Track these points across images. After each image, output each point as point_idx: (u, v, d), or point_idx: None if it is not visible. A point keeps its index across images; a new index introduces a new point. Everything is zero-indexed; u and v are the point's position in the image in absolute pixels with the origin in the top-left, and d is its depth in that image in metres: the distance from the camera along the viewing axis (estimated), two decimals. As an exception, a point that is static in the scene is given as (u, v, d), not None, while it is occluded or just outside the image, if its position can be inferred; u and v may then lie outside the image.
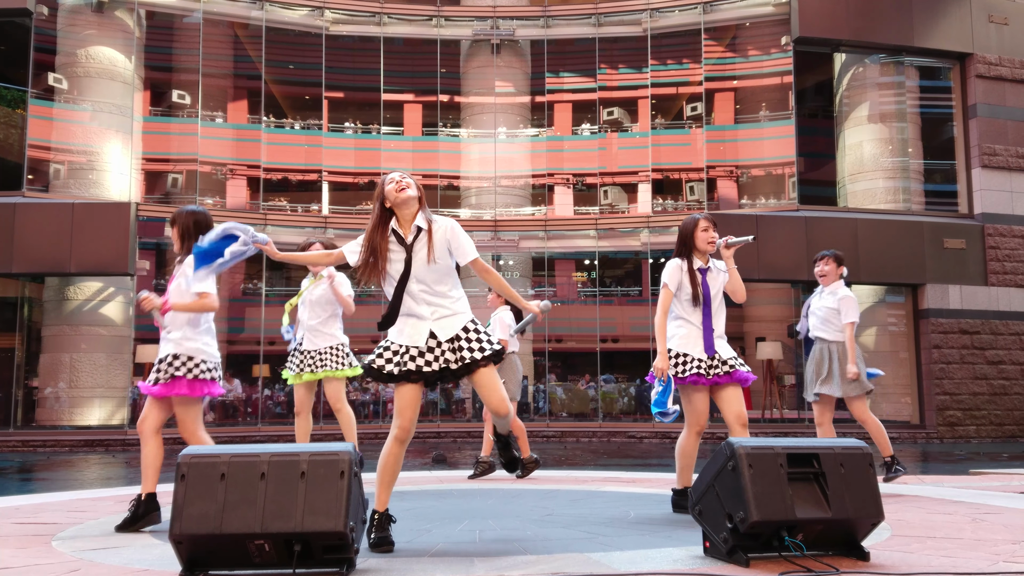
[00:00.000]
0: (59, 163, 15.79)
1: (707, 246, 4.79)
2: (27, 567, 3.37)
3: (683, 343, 4.78)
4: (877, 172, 16.61)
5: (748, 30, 17.86)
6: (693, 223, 4.83)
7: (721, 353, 4.76)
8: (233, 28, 17.97)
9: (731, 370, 4.72)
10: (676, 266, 4.80)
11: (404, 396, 3.78)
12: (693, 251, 4.81)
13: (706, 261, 4.83)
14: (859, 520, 3.33)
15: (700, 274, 4.77)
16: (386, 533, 3.70)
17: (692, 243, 4.81)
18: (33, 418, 15.38)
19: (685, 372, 4.70)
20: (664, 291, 4.81)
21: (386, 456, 3.77)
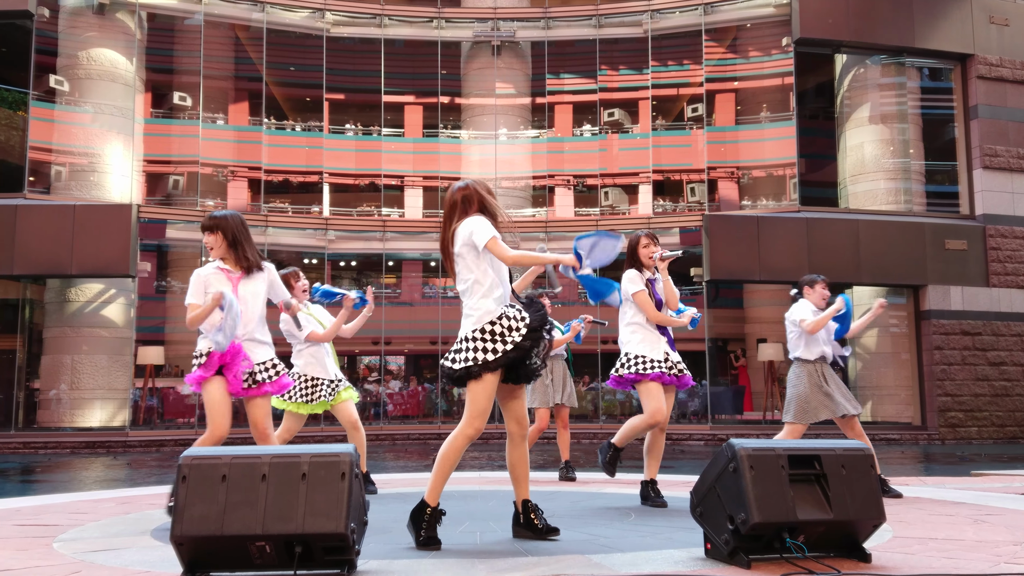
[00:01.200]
0: (60, 165, 15.81)
1: (649, 260, 5.29)
2: (28, 569, 3.37)
3: (642, 347, 5.25)
4: (878, 173, 16.61)
5: (749, 31, 17.87)
6: (636, 240, 5.34)
7: (673, 357, 5.29)
8: (234, 30, 17.99)
9: (679, 374, 5.26)
10: (635, 275, 5.29)
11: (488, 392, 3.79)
12: (641, 266, 5.31)
13: (653, 272, 5.34)
14: (861, 521, 3.33)
15: (650, 284, 5.27)
16: (434, 532, 3.77)
17: (637, 258, 5.32)
18: (34, 420, 15.38)
19: (647, 370, 5.15)
20: (642, 293, 5.25)
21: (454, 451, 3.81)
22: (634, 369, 5.21)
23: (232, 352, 4.42)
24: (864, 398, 16.69)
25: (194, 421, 15.95)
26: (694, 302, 17.15)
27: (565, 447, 7.33)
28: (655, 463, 5.42)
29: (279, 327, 5.84)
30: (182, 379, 16.88)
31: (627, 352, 5.29)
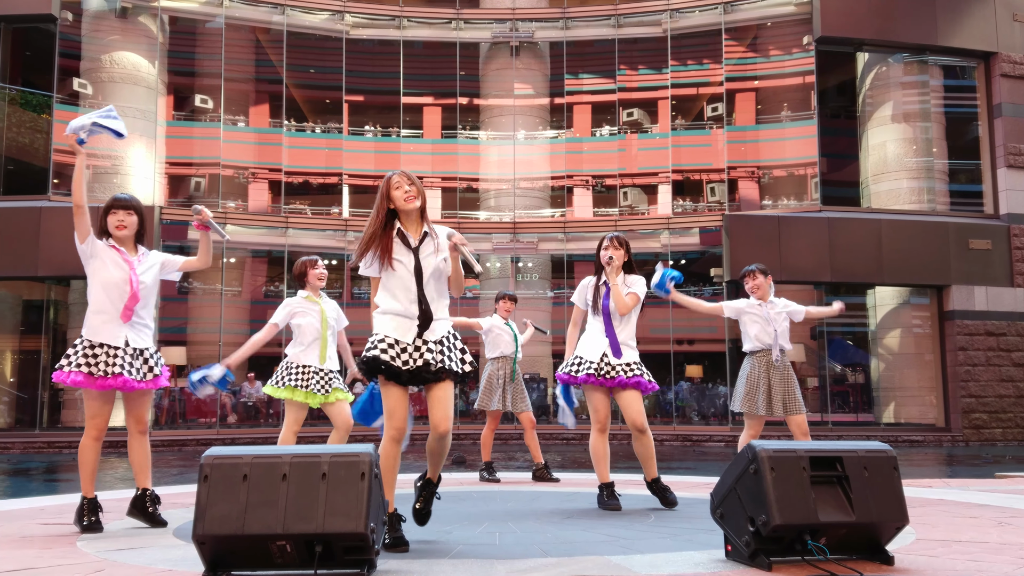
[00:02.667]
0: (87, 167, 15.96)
1: (605, 264, 5.27)
2: (52, 567, 3.41)
3: (582, 348, 5.34)
4: (901, 172, 16.45)
5: (769, 30, 17.76)
6: (599, 245, 5.38)
7: (618, 359, 5.20)
8: (255, 33, 18.12)
9: (616, 375, 5.16)
10: (584, 285, 5.40)
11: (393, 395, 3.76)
12: (602, 271, 5.32)
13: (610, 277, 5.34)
14: (883, 524, 3.30)
15: (604, 287, 5.27)
16: (399, 533, 3.72)
17: (599, 263, 5.33)
18: (58, 419, 15.55)
19: (579, 371, 5.21)
20: (576, 309, 5.47)
21: (385, 457, 3.72)
22: (570, 370, 5.32)
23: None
24: (887, 399, 16.54)
25: (215, 421, 16.08)
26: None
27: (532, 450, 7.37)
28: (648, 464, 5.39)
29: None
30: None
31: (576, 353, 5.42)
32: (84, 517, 4.43)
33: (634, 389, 5.20)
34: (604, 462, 5.38)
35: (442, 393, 3.78)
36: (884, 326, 16.71)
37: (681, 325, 17.00)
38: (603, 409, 5.26)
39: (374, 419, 4.32)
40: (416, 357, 3.73)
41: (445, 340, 3.80)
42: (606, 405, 5.27)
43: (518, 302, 7.82)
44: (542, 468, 7.30)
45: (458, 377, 3.82)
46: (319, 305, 5.90)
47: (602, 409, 5.26)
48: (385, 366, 3.71)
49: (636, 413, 5.18)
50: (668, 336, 16.53)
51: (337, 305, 6.16)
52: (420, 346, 3.74)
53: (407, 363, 3.72)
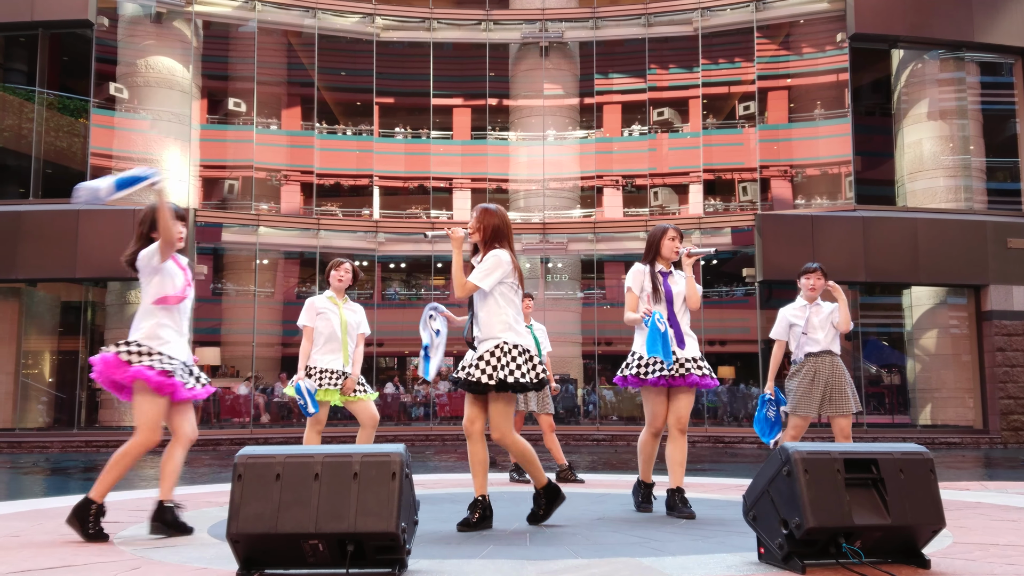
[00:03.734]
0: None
1: (672, 254, 5.07)
2: (89, 565, 3.46)
3: (638, 343, 5.02)
4: (937, 170, 16.20)
5: (802, 27, 17.58)
6: (661, 232, 5.11)
7: (683, 353, 4.96)
8: (287, 36, 18.30)
9: (687, 373, 4.90)
10: (639, 271, 5.09)
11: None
12: (658, 258, 5.09)
13: (668, 267, 5.12)
14: (919, 527, 3.25)
15: (661, 276, 5.05)
16: (468, 516, 4.36)
17: (658, 250, 5.09)
18: (96, 419, 15.81)
19: (647, 373, 4.91)
20: (629, 294, 5.09)
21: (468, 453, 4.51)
22: (634, 371, 4.99)
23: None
24: (923, 401, 16.30)
25: (248, 421, 16.24)
26: (746, 303, 16.96)
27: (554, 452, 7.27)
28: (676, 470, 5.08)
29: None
30: (238, 379, 17.23)
31: (634, 350, 5.06)
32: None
33: (692, 387, 4.99)
34: (651, 463, 5.28)
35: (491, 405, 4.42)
36: (920, 326, 16.46)
37: (713, 326, 16.88)
38: (662, 414, 5.04)
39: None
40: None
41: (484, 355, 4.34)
42: (665, 408, 5.04)
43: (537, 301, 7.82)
44: (566, 470, 7.26)
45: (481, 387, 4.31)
46: (338, 308, 5.99)
47: (661, 414, 5.04)
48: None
49: (685, 412, 5.00)
50: (700, 336, 16.42)
51: (362, 310, 6.24)
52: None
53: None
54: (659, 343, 4.74)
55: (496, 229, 4.42)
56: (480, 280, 4.32)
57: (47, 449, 14.14)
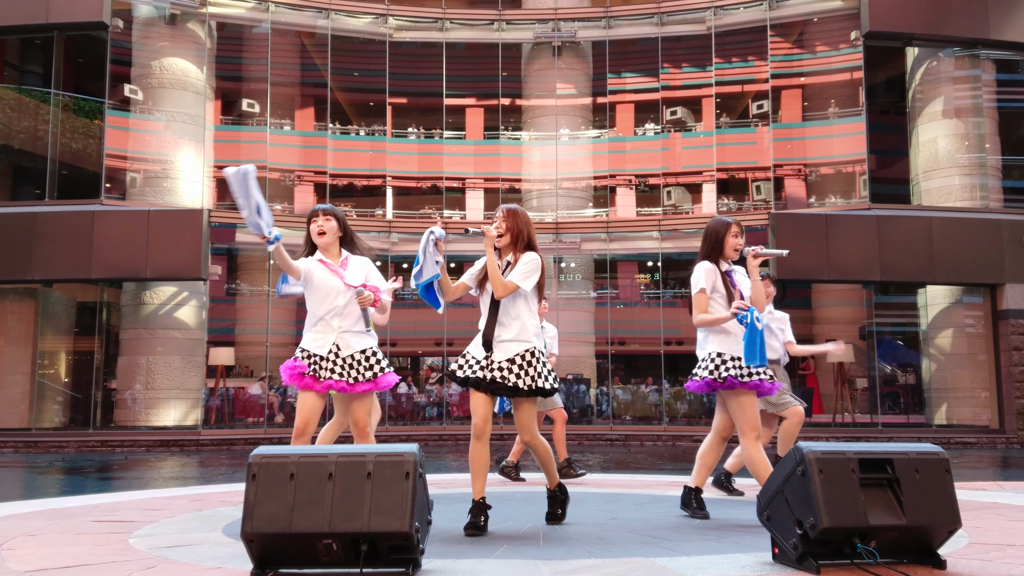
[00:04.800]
0: (135, 172, 16.34)
1: (733, 252, 4.77)
2: (105, 564, 3.49)
3: (730, 344, 4.68)
4: (952, 169, 16.09)
5: (816, 25, 17.49)
6: (725, 228, 4.79)
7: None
8: (300, 37, 18.36)
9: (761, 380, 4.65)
10: (708, 269, 4.74)
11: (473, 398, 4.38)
12: (720, 256, 4.78)
13: (728, 263, 4.84)
14: (935, 527, 3.23)
15: (727, 276, 4.76)
16: (477, 519, 4.24)
17: (721, 248, 4.77)
18: (112, 419, 15.91)
19: (747, 378, 4.58)
20: (701, 295, 4.70)
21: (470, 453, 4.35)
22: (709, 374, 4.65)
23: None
24: (939, 400, 16.19)
25: (263, 420, 16.31)
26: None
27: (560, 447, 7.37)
28: (705, 472, 4.98)
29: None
30: (252, 379, 17.32)
31: (711, 351, 4.71)
32: None
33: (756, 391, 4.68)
34: (710, 470, 5.05)
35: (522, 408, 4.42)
36: (935, 326, 16.35)
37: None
38: (756, 413, 4.70)
39: None
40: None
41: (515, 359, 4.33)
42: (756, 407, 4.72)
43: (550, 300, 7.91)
44: (566, 466, 7.34)
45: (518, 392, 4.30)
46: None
47: (756, 414, 4.69)
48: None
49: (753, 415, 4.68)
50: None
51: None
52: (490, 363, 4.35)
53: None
54: (757, 343, 4.50)
55: (530, 233, 4.44)
56: (521, 281, 4.30)
57: (63, 449, 14.24)
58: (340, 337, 4.68)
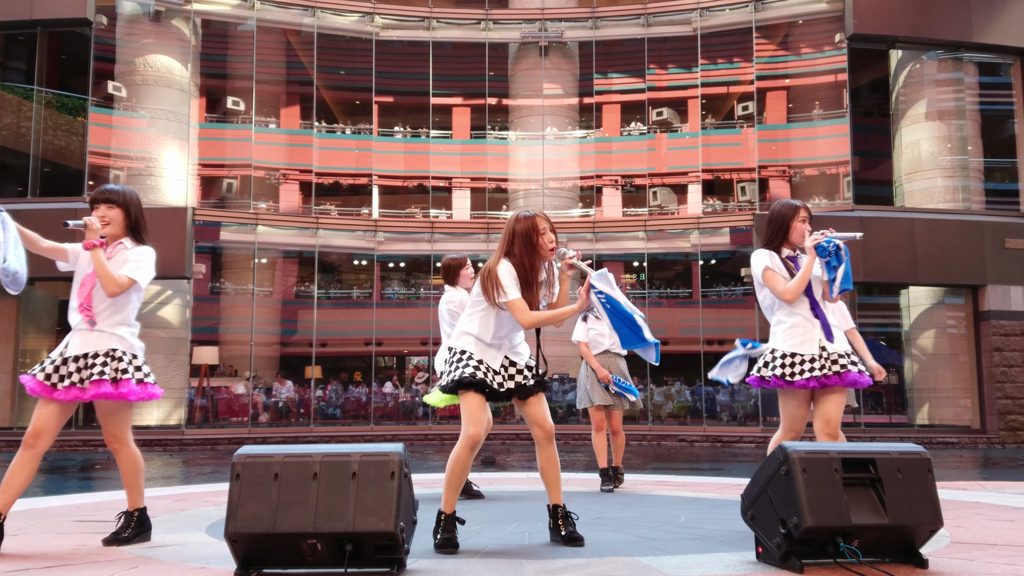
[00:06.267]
0: (119, 169, 16.22)
1: (801, 239, 4.24)
2: (87, 564, 3.47)
3: (790, 339, 4.18)
4: (935, 171, 16.22)
5: (801, 28, 17.59)
6: (792, 211, 4.26)
7: (835, 348, 4.15)
8: (286, 35, 18.28)
9: (842, 371, 4.10)
10: (769, 254, 4.25)
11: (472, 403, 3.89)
12: (784, 243, 4.29)
13: (793, 250, 4.32)
14: (917, 526, 3.26)
15: (792, 261, 4.25)
16: (452, 535, 3.76)
17: (787, 233, 4.27)
18: (94, 418, 15.77)
19: (794, 376, 4.11)
20: (768, 272, 4.21)
21: (455, 461, 3.81)
22: (778, 372, 4.15)
23: None
24: (921, 400, 16.32)
25: (247, 420, 16.24)
26: (744, 302, 16.97)
27: (614, 451, 6.83)
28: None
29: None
30: (236, 379, 17.23)
31: (773, 347, 4.25)
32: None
33: (845, 387, 4.19)
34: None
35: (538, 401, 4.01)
36: (918, 326, 16.48)
37: (711, 326, 16.89)
38: (804, 417, 4.27)
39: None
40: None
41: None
42: (808, 412, 4.28)
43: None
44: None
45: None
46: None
47: (802, 418, 4.26)
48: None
49: (836, 415, 4.18)
50: (698, 336, 16.44)
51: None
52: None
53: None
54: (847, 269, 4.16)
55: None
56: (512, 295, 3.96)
57: (45, 448, 14.12)
58: (75, 335, 3.90)
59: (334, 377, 18.29)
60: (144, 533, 4.00)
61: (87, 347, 3.87)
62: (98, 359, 3.85)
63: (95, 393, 3.78)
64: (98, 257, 3.89)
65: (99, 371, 3.79)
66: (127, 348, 3.97)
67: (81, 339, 3.90)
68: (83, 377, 3.80)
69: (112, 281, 3.86)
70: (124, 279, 3.91)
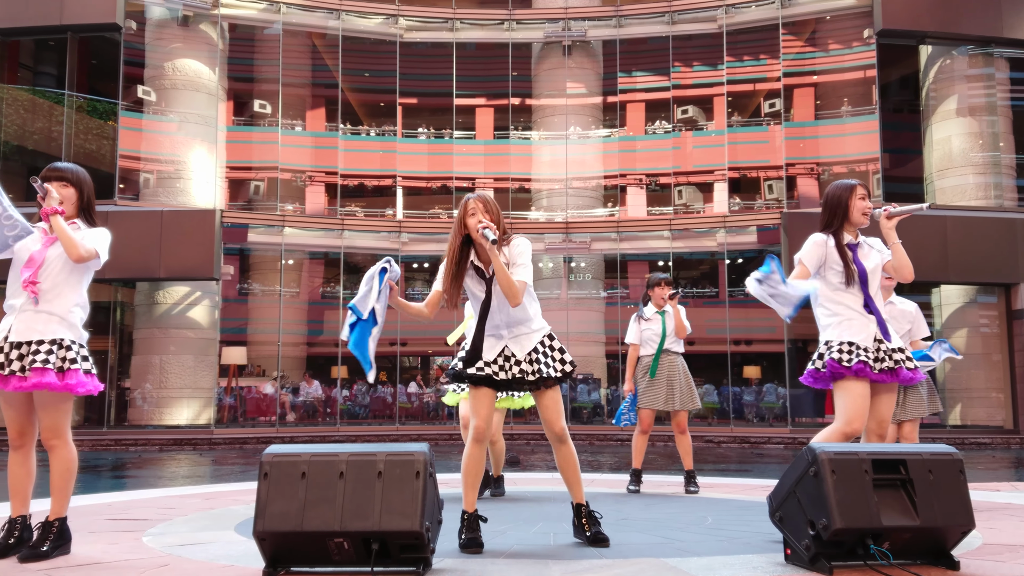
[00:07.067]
0: (148, 172, 16.42)
1: (862, 218, 3.99)
2: (118, 562, 3.51)
3: (844, 331, 3.93)
4: (967, 167, 15.99)
5: (828, 23, 17.42)
6: (849, 189, 4.01)
7: (889, 344, 3.92)
8: (311, 38, 18.41)
9: (895, 366, 3.88)
10: (818, 242, 4.00)
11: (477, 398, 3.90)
12: (845, 224, 4.01)
13: (856, 236, 4.03)
14: (949, 528, 3.21)
15: (850, 250, 3.97)
16: (476, 534, 3.75)
17: (846, 213, 4.00)
18: (125, 418, 16.01)
19: (851, 360, 3.83)
20: (799, 267, 4.01)
21: (466, 457, 3.84)
22: (835, 357, 3.87)
23: None
24: (953, 401, 16.09)
25: (275, 419, 16.37)
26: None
27: (685, 455, 6.54)
28: None
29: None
30: (264, 378, 17.38)
31: (826, 340, 3.99)
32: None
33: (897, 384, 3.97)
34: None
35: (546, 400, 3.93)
36: (949, 325, 16.26)
37: (738, 325, 16.77)
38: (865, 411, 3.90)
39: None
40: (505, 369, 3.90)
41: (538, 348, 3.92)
42: (882, 405, 3.98)
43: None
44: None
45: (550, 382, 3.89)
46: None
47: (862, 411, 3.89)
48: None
49: (887, 414, 4.00)
50: (725, 336, 16.33)
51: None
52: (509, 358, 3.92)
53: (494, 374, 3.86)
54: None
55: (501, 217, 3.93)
56: (528, 276, 3.87)
57: (77, 447, 14.30)
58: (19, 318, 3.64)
59: (360, 377, 18.38)
60: (64, 545, 3.64)
61: (31, 333, 3.59)
62: (43, 346, 3.57)
63: (37, 383, 3.49)
64: (59, 223, 3.65)
65: (43, 359, 3.52)
66: (76, 337, 3.71)
67: (24, 322, 3.61)
68: (24, 365, 3.52)
69: (78, 245, 3.62)
70: (91, 248, 3.69)
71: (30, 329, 3.61)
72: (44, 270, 3.68)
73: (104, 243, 3.83)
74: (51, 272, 3.69)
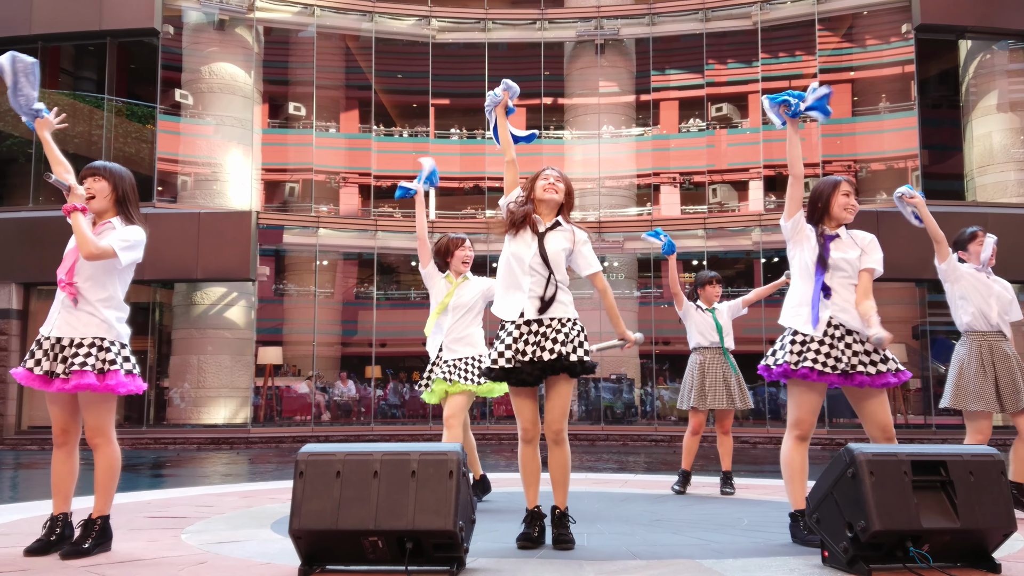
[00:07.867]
0: (186, 175, 16.66)
1: (844, 213, 4.00)
2: (158, 559, 3.56)
3: (797, 318, 3.90)
4: (1008, 164, 15.67)
5: (866, 18, 17.17)
6: (832, 187, 4.04)
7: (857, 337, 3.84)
8: (344, 40, 18.54)
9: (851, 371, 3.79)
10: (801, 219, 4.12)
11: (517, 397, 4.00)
12: (825, 219, 4.05)
13: (834, 229, 4.05)
14: (989, 530, 3.15)
15: (825, 239, 3.97)
16: (529, 529, 3.87)
17: (827, 209, 4.05)
18: (164, 417, 16.25)
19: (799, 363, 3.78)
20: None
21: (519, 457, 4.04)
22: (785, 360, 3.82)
23: None
24: (994, 401, 15.77)
25: (310, 419, 16.52)
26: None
27: (725, 456, 6.52)
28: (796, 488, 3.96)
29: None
30: (299, 378, 17.56)
31: (784, 328, 4.02)
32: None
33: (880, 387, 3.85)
34: (801, 480, 3.94)
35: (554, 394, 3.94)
36: (991, 325, 15.93)
37: (774, 325, 16.58)
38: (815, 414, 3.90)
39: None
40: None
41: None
42: (818, 406, 3.93)
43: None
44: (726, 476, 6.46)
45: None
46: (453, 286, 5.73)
47: (813, 414, 3.89)
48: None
49: (885, 418, 3.88)
50: (761, 336, 16.17)
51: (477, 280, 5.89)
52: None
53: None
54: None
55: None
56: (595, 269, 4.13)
57: (118, 446, 14.56)
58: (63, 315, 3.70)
59: (393, 376, 18.49)
60: (105, 543, 3.68)
61: (73, 331, 3.65)
62: (82, 348, 3.61)
63: (77, 384, 3.52)
64: (76, 220, 3.61)
65: (81, 361, 3.56)
66: (115, 337, 3.73)
67: (65, 320, 3.67)
68: (66, 368, 3.57)
69: (90, 242, 3.57)
70: (106, 247, 3.64)
71: (70, 327, 3.68)
72: (78, 270, 3.74)
73: (129, 242, 3.81)
74: (84, 272, 3.73)
